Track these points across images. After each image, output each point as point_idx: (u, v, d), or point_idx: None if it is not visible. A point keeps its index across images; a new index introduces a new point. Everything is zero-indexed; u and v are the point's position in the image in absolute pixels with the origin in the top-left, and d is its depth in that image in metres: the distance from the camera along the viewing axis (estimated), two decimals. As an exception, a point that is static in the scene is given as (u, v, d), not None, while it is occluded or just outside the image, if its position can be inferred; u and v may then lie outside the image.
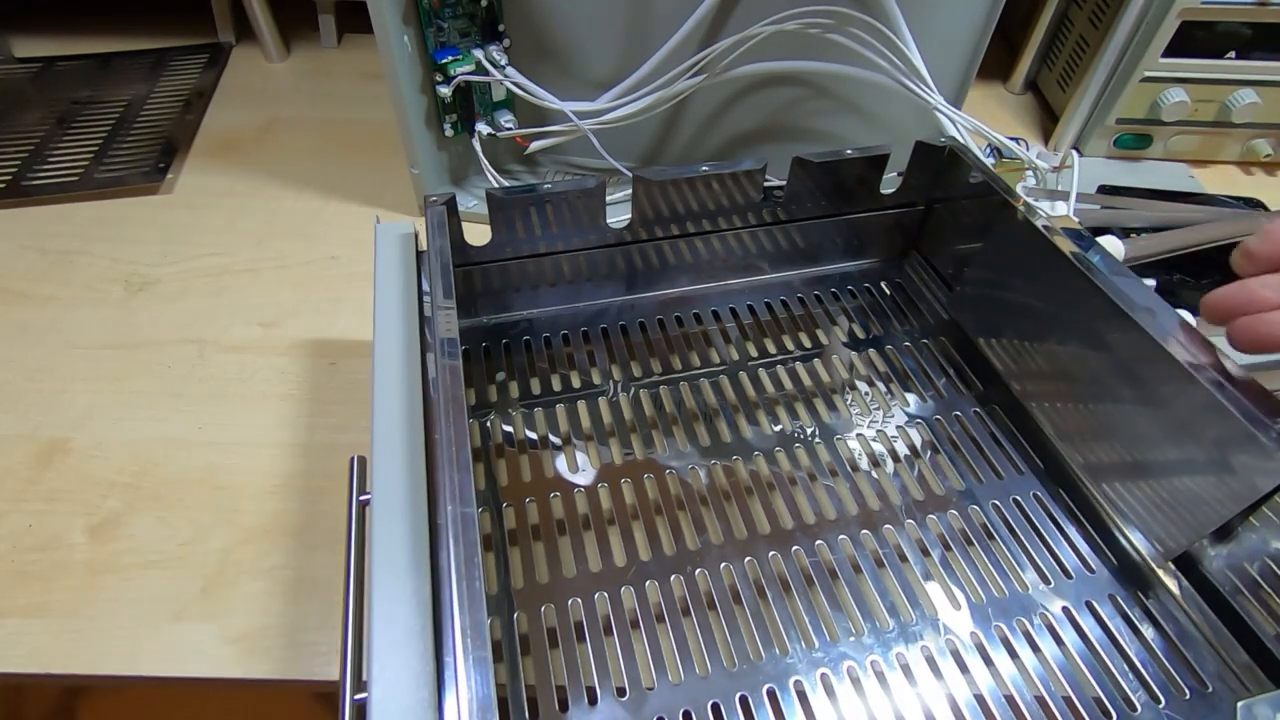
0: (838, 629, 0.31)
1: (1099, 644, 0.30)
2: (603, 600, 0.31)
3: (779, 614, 0.31)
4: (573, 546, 0.33)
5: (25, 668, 0.31)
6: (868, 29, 0.43)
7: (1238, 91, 0.54)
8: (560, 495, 0.35)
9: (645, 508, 0.35)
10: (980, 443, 0.38)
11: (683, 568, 0.33)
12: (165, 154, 0.58)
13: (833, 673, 0.30)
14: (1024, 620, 0.31)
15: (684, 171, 0.39)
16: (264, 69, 0.68)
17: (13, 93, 0.64)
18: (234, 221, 0.53)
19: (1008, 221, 0.37)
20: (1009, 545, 0.34)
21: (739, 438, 0.38)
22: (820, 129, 0.51)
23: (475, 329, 0.42)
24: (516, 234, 0.39)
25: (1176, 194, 0.54)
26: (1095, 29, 0.57)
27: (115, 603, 0.33)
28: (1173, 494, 0.31)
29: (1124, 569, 0.33)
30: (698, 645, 0.30)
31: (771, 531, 0.34)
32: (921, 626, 0.31)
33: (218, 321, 0.46)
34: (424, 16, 0.43)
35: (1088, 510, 0.35)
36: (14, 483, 0.37)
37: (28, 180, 0.55)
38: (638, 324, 0.43)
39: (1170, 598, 0.32)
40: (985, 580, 0.33)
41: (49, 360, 0.43)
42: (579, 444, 0.37)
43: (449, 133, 0.48)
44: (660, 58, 0.44)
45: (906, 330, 0.43)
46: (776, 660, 0.30)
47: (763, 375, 0.40)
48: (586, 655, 0.30)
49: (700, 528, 0.34)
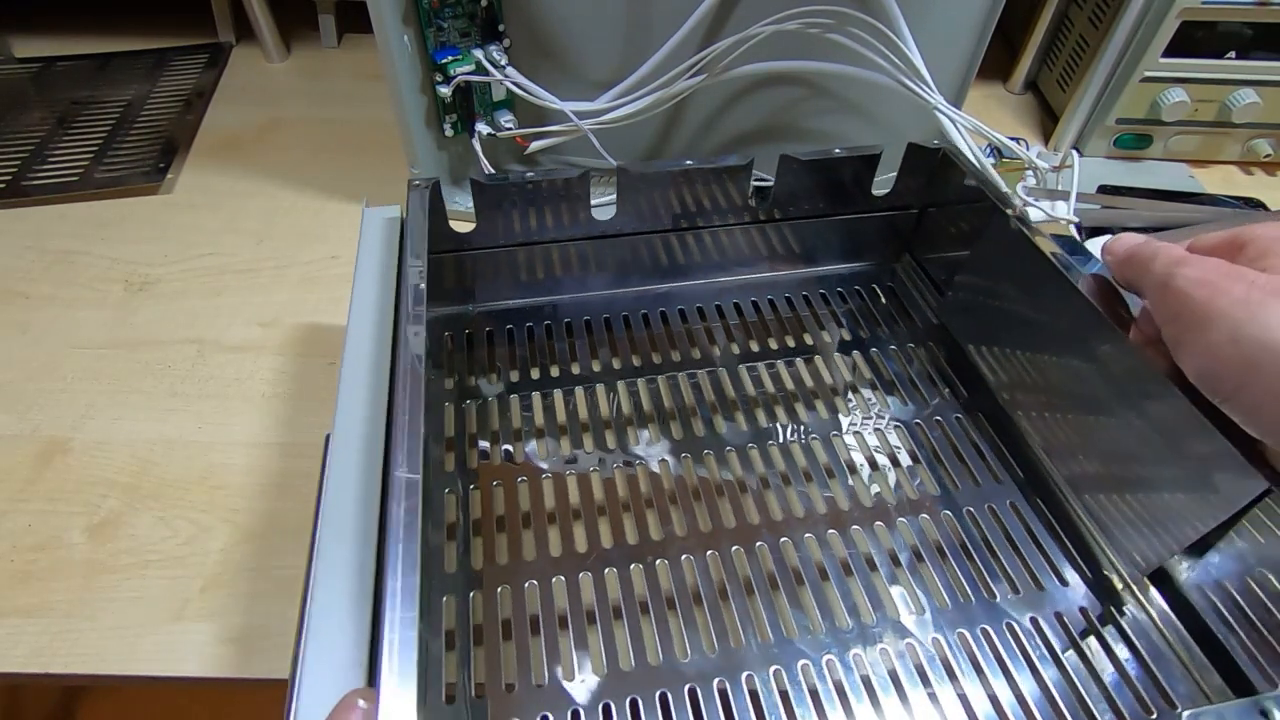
0: (795, 626, 0.31)
1: (1064, 658, 0.30)
2: (559, 585, 0.32)
3: (737, 609, 0.31)
4: (535, 531, 0.33)
5: (25, 668, 0.31)
6: (868, 29, 0.43)
7: (1238, 91, 0.54)
8: (528, 481, 0.35)
9: (613, 498, 0.35)
10: (961, 450, 0.37)
11: (643, 557, 0.33)
12: (165, 154, 0.58)
13: (786, 670, 0.29)
14: (989, 629, 0.31)
15: (668, 165, 0.39)
16: (264, 69, 0.68)
17: (13, 93, 0.64)
18: (234, 221, 0.53)
19: (999, 227, 0.37)
20: (980, 553, 0.33)
21: (713, 434, 0.37)
22: (820, 129, 0.51)
23: (460, 317, 0.42)
24: (502, 223, 0.39)
25: (1177, 194, 0.54)
26: (1095, 29, 0.57)
27: (114, 602, 0.33)
28: (1151, 508, 0.30)
29: (1099, 583, 0.32)
30: (651, 635, 0.30)
31: (737, 527, 0.34)
32: (882, 629, 0.31)
33: (218, 321, 0.46)
34: (424, 16, 0.43)
35: (1066, 523, 0.34)
36: (14, 483, 0.37)
37: (28, 180, 0.55)
38: (622, 318, 0.43)
39: (1145, 615, 0.31)
40: (953, 587, 0.32)
41: (49, 360, 0.43)
42: (552, 434, 0.37)
43: (449, 133, 0.48)
44: (660, 58, 0.44)
45: (896, 334, 0.43)
46: (730, 654, 0.30)
47: (743, 374, 0.40)
48: (539, 638, 0.30)
49: (665, 520, 0.34)
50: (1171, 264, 0.26)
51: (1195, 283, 0.25)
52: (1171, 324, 0.26)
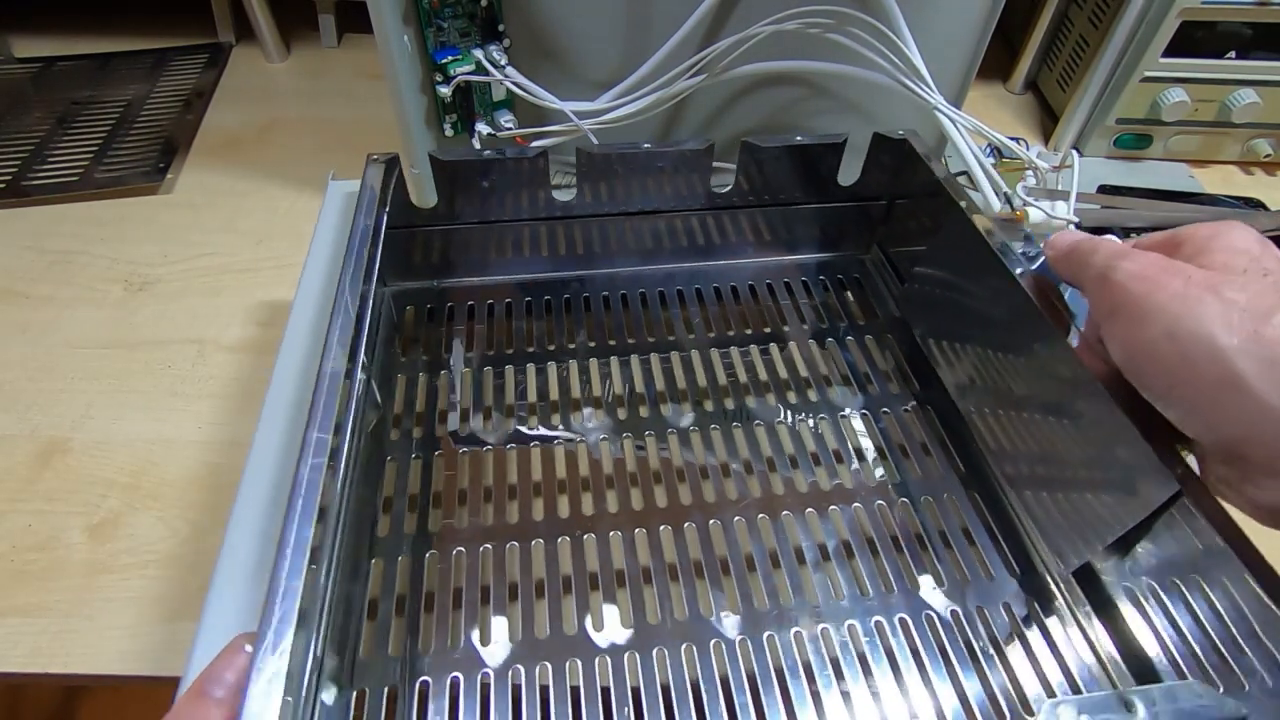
0: (713, 606, 0.31)
1: (980, 651, 0.30)
2: (486, 554, 0.32)
3: (657, 586, 0.31)
4: (470, 500, 0.34)
5: (25, 668, 0.31)
6: (868, 29, 0.43)
7: (1238, 91, 0.54)
8: (471, 453, 0.36)
9: (549, 472, 0.35)
10: (906, 443, 0.37)
11: (572, 532, 0.33)
12: (165, 154, 0.58)
13: (697, 648, 0.30)
14: (907, 618, 0.31)
15: (627, 147, 0.39)
16: (264, 69, 0.68)
17: (13, 93, 0.64)
18: (234, 221, 0.53)
19: (954, 222, 0.37)
20: (910, 545, 0.33)
21: (658, 415, 0.38)
22: (820, 129, 0.51)
23: (426, 291, 0.43)
24: (462, 200, 0.40)
25: (1177, 194, 0.54)
26: (1095, 29, 0.57)
27: (114, 602, 0.33)
28: (1079, 507, 0.30)
29: (1026, 579, 0.32)
30: (570, 607, 0.31)
31: (669, 507, 0.34)
32: (798, 613, 0.31)
33: (217, 321, 0.46)
34: (424, 16, 0.43)
35: (1002, 519, 0.34)
36: (14, 483, 0.37)
37: (28, 180, 0.55)
38: (582, 299, 0.43)
39: (1066, 611, 0.31)
40: (875, 574, 0.32)
41: (49, 360, 0.43)
42: (500, 409, 0.38)
43: (449, 133, 0.48)
44: (660, 58, 0.44)
45: (857, 325, 0.43)
46: (645, 629, 0.30)
47: (695, 358, 0.41)
48: (460, 604, 0.31)
49: (600, 497, 0.34)
50: (1111, 258, 0.26)
51: (1134, 276, 0.25)
52: (1109, 319, 0.26)
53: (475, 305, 0.42)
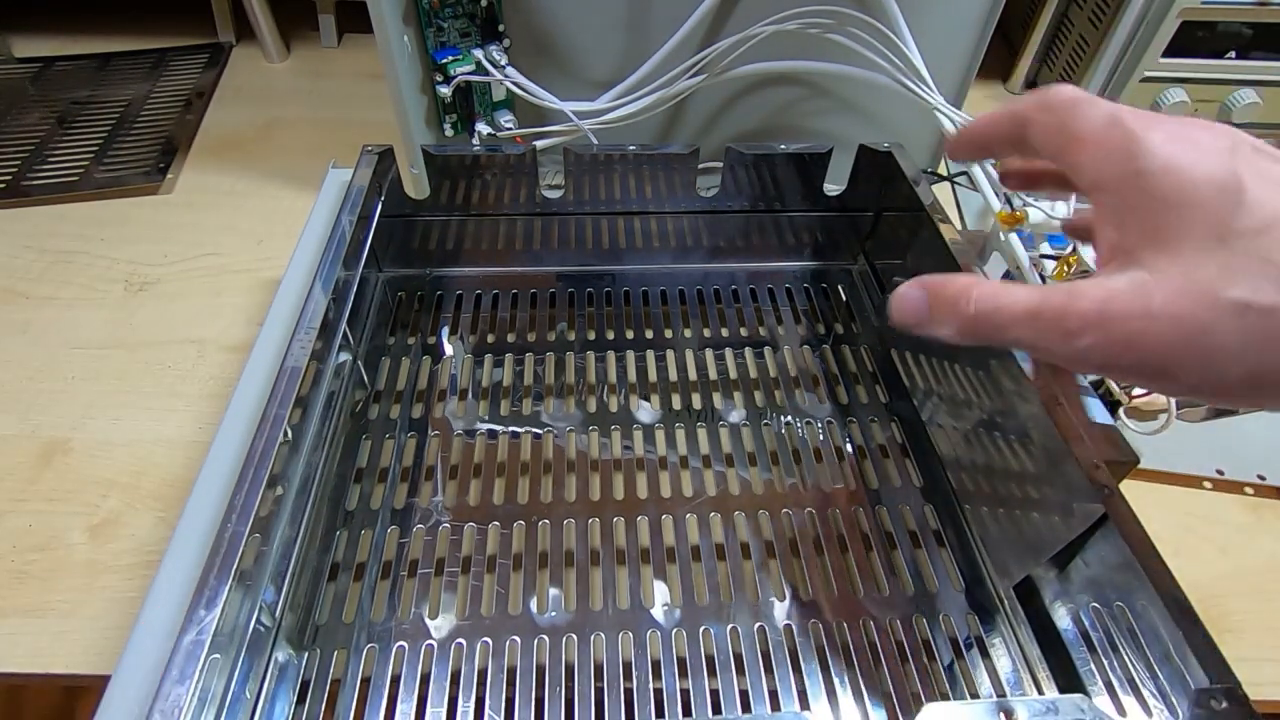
0: (655, 598, 0.32)
1: (911, 659, 0.30)
2: (444, 533, 0.33)
3: (603, 573, 0.32)
4: (436, 480, 0.35)
5: (25, 668, 0.31)
6: (868, 29, 0.43)
7: (1238, 91, 0.54)
8: (439, 436, 0.37)
9: (514, 459, 0.36)
10: (867, 451, 0.38)
11: (529, 516, 0.34)
12: (165, 154, 0.58)
13: (634, 636, 0.30)
14: (845, 625, 0.31)
15: (614, 148, 0.40)
16: (264, 69, 0.68)
17: (13, 93, 0.64)
18: (234, 221, 0.53)
19: (928, 236, 0.37)
20: (856, 551, 0.34)
21: (626, 411, 0.39)
22: (820, 129, 0.51)
23: (418, 279, 0.44)
24: (454, 192, 0.41)
25: (1176, 194, 0.54)
26: (1095, 29, 0.57)
27: (115, 603, 0.33)
28: (1025, 523, 0.31)
29: (970, 592, 0.33)
30: (518, 588, 0.32)
31: (625, 499, 0.35)
32: (738, 610, 0.31)
33: (218, 321, 0.46)
34: (424, 16, 0.43)
35: (956, 531, 0.34)
36: (14, 483, 0.37)
37: (28, 180, 0.55)
38: (567, 294, 0.44)
39: (1005, 625, 0.31)
40: (819, 580, 0.33)
41: (49, 360, 0.43)
42: (476, 395, 0.39)
43: (449, 133, 0.48)
44: (660, 58, 0.44)
45: (837, 334, 0.43)
46: (587, 614, 0.31)
47: (670, 357, 0.41)
48: (414, 579, 0.32)
49: (559, 485, 0.35)
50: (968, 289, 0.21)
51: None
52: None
53: (464, 295, 0.44)
